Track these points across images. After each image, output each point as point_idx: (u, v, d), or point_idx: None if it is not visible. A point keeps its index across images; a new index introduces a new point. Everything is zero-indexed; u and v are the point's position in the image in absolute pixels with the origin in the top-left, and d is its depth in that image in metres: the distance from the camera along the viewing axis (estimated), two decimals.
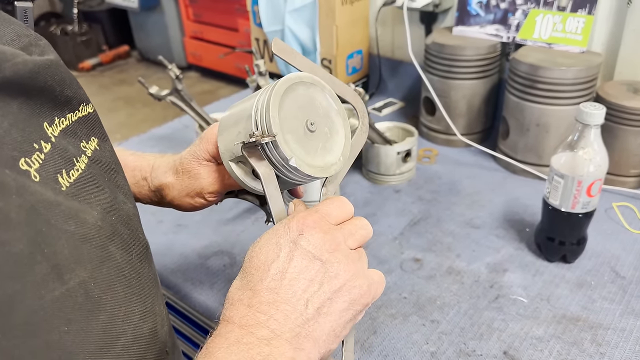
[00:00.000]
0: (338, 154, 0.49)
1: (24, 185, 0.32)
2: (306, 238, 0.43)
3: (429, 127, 1.18)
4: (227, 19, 3.50)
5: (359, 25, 1.30)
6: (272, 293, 0.41)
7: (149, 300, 0.44)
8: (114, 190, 0.43)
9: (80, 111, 0.42)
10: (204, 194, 0.58)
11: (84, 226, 0.36)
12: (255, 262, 0.43)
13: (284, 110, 0.46)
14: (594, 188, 0.74)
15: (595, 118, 0.70)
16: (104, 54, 4.40)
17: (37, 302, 0.31)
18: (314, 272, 0.42)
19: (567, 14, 0.99)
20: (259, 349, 0.38)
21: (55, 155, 0.37)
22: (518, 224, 0.90)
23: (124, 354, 0.38)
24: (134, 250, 0.44)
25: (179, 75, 1.05)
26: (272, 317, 0.40)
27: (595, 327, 0.70)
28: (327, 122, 0.49)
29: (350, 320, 0.44)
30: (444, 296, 0.77)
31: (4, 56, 0.33)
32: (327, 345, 0.43)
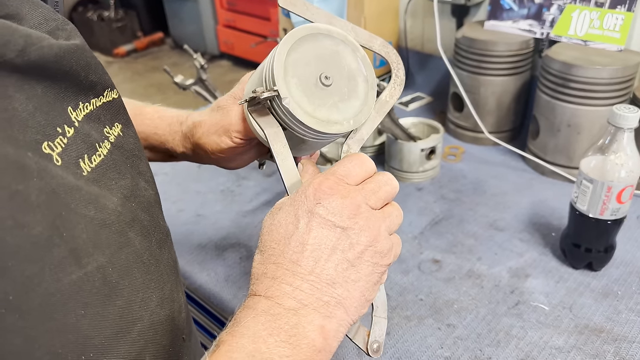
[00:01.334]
0: (348, 116, 0.46)
1: (46, 169, 0.32)
2: (324, 206, 0.41)
3: (456, 124, 1.15)
4: (260, 7, 3.50)
5: (388, 17, 1.27)
6: (295, 265, 0.40)
7: (167, 287, 0.44)
8: (135, 176, 0.43)
9: (105, 97, 0.42)
10: (230, 132, 0.56)
11: (103, 211, 0.37)
12: (275, 236, 0.42)
13: (292, 63, 0.43)
14: (624, 194, 0.71)
15: (629, 121, 0.67)
16: (139, 40, 4.46)
17: (55, 284, 0.31)
18: (334, 240, 0.41)
19: (606, 10, 0.94)
20: (286, 318, 0.38)
21: (78, 140, 0.37)
22: (544, 228, 0.87)
23: (140, 339, 0.39)
24: (154, 237, 0.44)
25: (203, 65, 1.04)
26: (298, 288, 0.40)
27: (619, 339, 0.67)
28: (349, 83, 0.46)
29: (376, 282, 0.43)
30: (462, 300, 0.75)
31: (30, 39, 0.33)
32: (358, 310, 0.42)
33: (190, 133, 0.60)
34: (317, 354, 0.38)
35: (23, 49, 0.32)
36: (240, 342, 0.36)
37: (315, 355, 0.38)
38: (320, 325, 0.39)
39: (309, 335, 0.38)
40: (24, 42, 0.33)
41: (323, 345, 0.39)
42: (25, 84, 0.33)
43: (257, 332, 0.37)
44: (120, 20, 4.38)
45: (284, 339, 0.37)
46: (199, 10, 3.96)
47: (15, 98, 0.32)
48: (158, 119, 0.63)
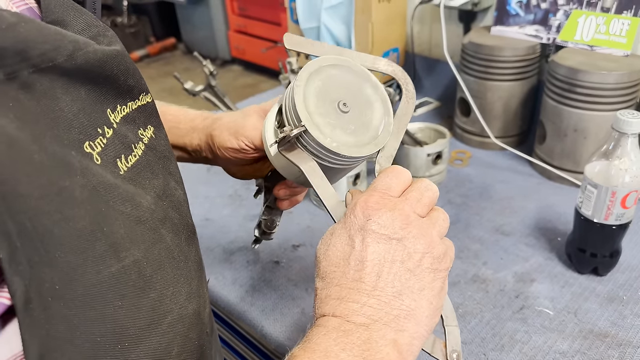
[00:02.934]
0: (380, 127, 0.48)
1: (87, 167, 0.34)
2: (375, 221, 0.42)
3: (463, 129, 1.15)
4: (270, 13, 3.52)
5: (396, 23, 1.28)
6: (358, 283, 0.41)
7: (195, 283, 0.46)
8: (166, 176, 0.45)
9: (140, 100, 0.44)
10: (240, 135, 0.60)
11: (138, 209, 0.38)
12: (333, 260, 0.43)
13: (310, 98, 0.45)
14: (629, 199, 0.71)
15: (633, 126, 0.67)
16: (151, 45, 4.51)
17: (96, 276, 0.33)
18: (392, 252, 0.42)
19: (612, 15, 0.94)
20: (358, 334, 0.39)
21: (116, 140, 0.38)
22: (550, 233, 0.88)
23: (170, 331, 0.40)
24: (183, 234, 0.45)
25: (212, 72, 1.06)
26: (366, 305, 0.40)
27: (624, 344, 0.67)
28: (365, 106, 0.48)
29: (441, 289, 0.43)
30: (467, 304, 0.75)
31: (77, 45, 0.35)
32: (430, 320, 0.42)
33: (210, 126, 0.63)
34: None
35: (71, 54, 0.34)
36: (312, 357, 0.37)
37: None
38: (393, 339, 0.39)
39: (383, 350, 0.38)
40: (73, 47, 0.34)
41: (398, 358, 0.39)
42: (71, 87, 0.35)
43: (328, 348, 0.38)
44: (133, 26, 4.43)
45: (357, 354, 0.37)
46: (210, 16, 3.99)
47: (62, 100, 0.34)
48: (182, 115, 0.66)
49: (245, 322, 0.77)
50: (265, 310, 0.76)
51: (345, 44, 1.28)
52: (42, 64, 0.32)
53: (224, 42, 4.05)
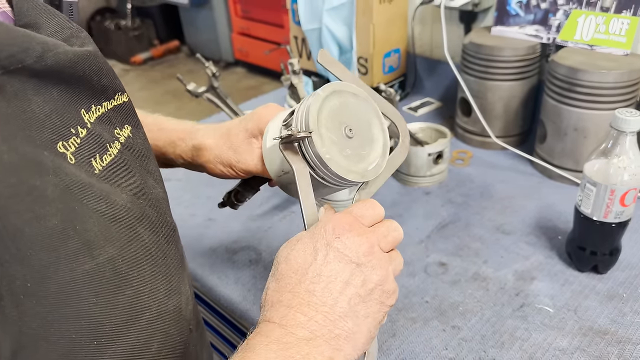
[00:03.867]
0: (372, 163, 0.51)
1: (60, 167, 0.35)
2: (342, 241, 0.44)
3: (464, 129, 1.16)
4: (273, 15, 3.53)
5: (397, 24, 1.28)
6: (310, 295, 0.42)
7: (175, 279, 0.46)
8: (144, 175, 0.46)
9: (116, 100, 0.44)
10: (235, 167, 0.60)
11: (113, 207, 0.39)
12: (293, 265, 0.44)
13: (324, 112, 0.48)
14: (628, 197, 0.71)
15: (631, 125, 0.68)
16: (155, 48, 4.52)
17: (69, 274, 0.34)
18: (349, 274, 0.43)
19: (611, 15, 0.95)
20: (298, 347, 0.39)
21: (91, 140, 0.39)
22: (550, 231, 0.88)
23: (149, 327, 0.40)
24: (162, 231, 0.46)
25: (215, 73, 1.07)
26: (313, 319, 0.41)
27: (623, 341, 0.68)
28: (366, 132, 0.51)
29: (380, 321, 0.45)
30: (467, 302, 0.76)
31: (46, 46, 0.35)
32: (364, 346, 0.44)
33: (196, 154, 0.63)
34: None
35: (41, 55, 0.35)
36: None
37: None
38: (330, 357, 0.40)
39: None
40: (42, 48, 0.35)
41: None
42: (43, 88, 0.35)
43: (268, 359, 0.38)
44: (137, 29, 4.45)
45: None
46: (214, 19, 4.01)
47: (33, 101, 0.35)
48: (158, 131, 0.66)
49: (247, 321, 0.78)
50: None
51: (347, 45, 1.28)
52: (10, 66, 0.33)
53: (227, 45, 4.07)
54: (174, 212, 0.52)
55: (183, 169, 0.69)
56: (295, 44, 1.40)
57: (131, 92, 0.50)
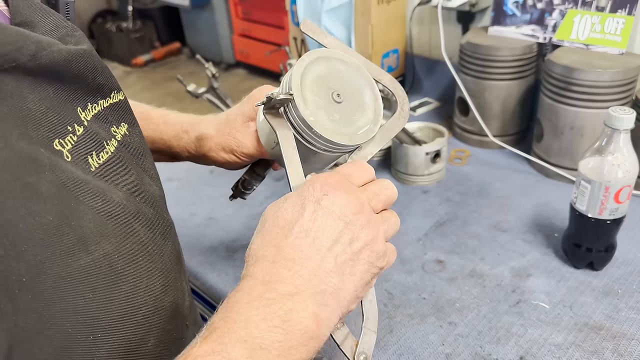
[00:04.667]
0: (362, 128, 0.50)
1: (57, 164, 0.35)
2: (330, 199, 0.43)
3: (462, 128, 1.17)
4: (274, 16, 3.54)
5: (396, 25, 1.30)
6: (296, 250, 0.42)
7: (172, 276, 0.47)
8: (140, 172, 0.46)
9: (112, 98, 0.45)
10: (237, 152, 0.61)
11: (109, 204, 0.39)
12: (280, 222, 0.43)
13: (308, 77, 0.47)
14: (622, 194, 0.72)
15: (625, 122, 0.69)
16: (156, 50, 4.53)
17: (65, 269, 0.34)
18: (337, 231, 0.43)
19: (606, 14, 0.96)
20: (281, 304, 0.39)
21: (87, 138, 0.40)
22: (547, 229, 0.89)
23: (145, 322, 0.41)
24: (158, 228, 0.46)
25: (215, 74, 1.08)
26: (297, 273, 0.41)
27: (618, 336, 0.69)
28: (357, 98, 0.50)
29: (367, 282, 0.45)
30: (464, 299, 0.77)
31: (40, 45, 0.36)
32: (349, 305, 0.43)
33: (199, 144, 0.64)
34: (309, 340, 0.39)
35: (35, 54, 0.35)
36: (233, 328, 0.37)
37: (308, 341, 0.39)
38: (315, 313, 0.39)
39: (303, 322, 0.39)
40: (36, 47, 0.36)
41: (316, 332, 0.39)
42: (38, 86, 0.36)
43: (250, 318, 0.38)
44: (138, 31, 4.45)
45: (277, 324, 0.38)
46: (214, 20, 4.01)
47: (29, 99, 0.35)
48: (163, 124, 0.66)
49: None
50: None
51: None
52: (5, 65, 0.34)
53: (228, 46, 4.07)
54: (175, 211, 0.54)
55: (184, 168, 0.70)
56: (295, 45, 1.42)
57: (133, 94, 0.51)
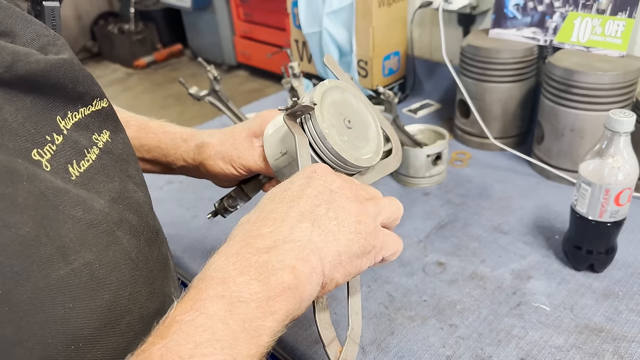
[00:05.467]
0: (366, 155, 0.53)
1: (35, 174, 0.35)
2: (319, 176, 0.45)
3: (463, 130, 1.17)
4: (275, 18, 3.55)
5: (397, 27, 1.30)
6: (278, 212, 0.43)
7: (158, 282, 0.46)
8: (124, 179, 0.46)
9: (94, 106, 0.44)
10: (236, 163, 0.62)
11: (91, 212, 0.39)
12: (269, 195, 0.45)
13: (327, 99, 0.52)
14: (622, 197, 0.72)
15: (625, 125, 0.69)
16: (158, 52, 4.55)
17: (43, 280, 0.33)
18: (321, 198, 0.44)
19: (607, 17, 0.96)
20: (257, 256, 0.39)
21: (67, 146, 0.39)
22: (547, 231, 0.89)
23: (130, 331, 0.40)
24: (143, 235, 0.46)
25: (216, 77, 1.08)
26: (277, 230, 0.41)
27: (618, 339, 0.69)
28: (363, 130, 0.55)
29: (355, 254, 0.44)
30: (465, 301, 0.77)
31: (17, 56, 0.36)
32: (333, 268, 0.43)
33: (198, 152, 0.64)
34: (287, 290, 0.39)
35: (10, 65, 0.35)
36: (210, 285, 0.38)
37: (285, 292, 0.39)
38: (292, 265, 0.40)
39: (278, 273, 0.39)
40: (12, 58, 0.35)
41: (293, 283, 0.39)
42: (14, 97, 0.36)
43: (227, 273, 0.38)
44: (140, 32, 4.47)
45: (254, 277, 0.38)
46: (216, 22, 4.03)
47: (5, 109, 0.35)
48: (162, 133, 0.67)
49: None
50: None
51: (347, 48, 1.30)
52: None
53: (229, 48, 4.09)
54: (176, 213, 0.54)
55: None
56: (296, 47, 1.42)
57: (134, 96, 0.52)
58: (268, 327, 0.37)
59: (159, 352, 0.34)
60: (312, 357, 0.71)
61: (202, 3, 3.97)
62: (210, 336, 0.35)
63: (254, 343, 0.36)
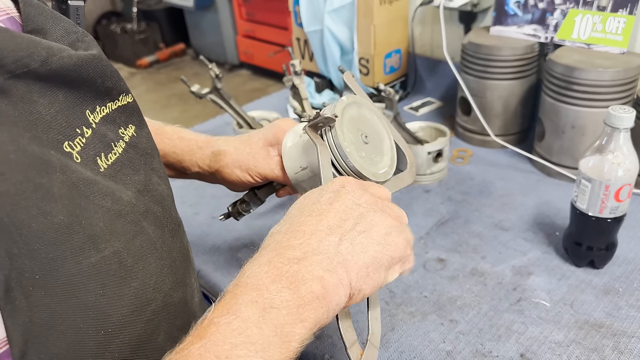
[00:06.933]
0: (382, 169, 0.56)
1: (67, 165, 0.37)
2: (348, 191, 0.47)
3: (464, 127, 1.17)
4: (278, 17, 3.56)
5: (398, 25, 1.30)
6: (308, 225, 0.44)
7: (180, 272, 0.48)
8: (148, 172, 0.47)
9: (120, 100, 0.46)
10: (252, 171, 0.64)
11: (118, 203, 0.41)
12: (299, 206, 0.47)
13: (346, 115, 0.54)
14: (622, 193, 0.72)
15: (624, 121, 0.69)
16: (161, 51, 4.56)
17: (76, 266, 0.35)
18: (349, 211, 0.46)
19: (607, 13, 0.96)
20: (288, 266, 0.41)
21: (95, 140, 0.41)
22: (548, 228, 0.89)
23: (154, 318, 0.42)
24: (167, 226, 0.48)
25: (218, 75, 1.09)
26: (306, 242, 0.43)
27: (618, 334, 0.69)
28: (378, 144, 0.57)
29: (381, 265, 0.46)
30: (465, 297, 0.77)
31: (51, 51, 0.37)
32: (360, 280, 0.44)
33: (214, 159, 0.66)
34: (315, 300, 0.41)
35: (45, 60, 0.37)
36: (244, 291, 0.39)
37: (314, 301, 0.40)
38: (320, 276, 0.41)
39: (308, 283, 0.41)
40: (46, 53, 0.37)
41: (322, 293, 0.41)
42: (48, 91, 0.37)
43: (260, 280, 0.40)
44: (142, 32, 4.48)
45: (285, 285, 0.40)
46: (219, 21, 4.04)
47: (39, 103, 0.36)
48: (177, 139, 0.69)
49: None
50: None
51: (349, 46, 1.30)
52: (17, 70, 0.35)
53: (232, 47, 4.10)
54: (179, 210, 0.54)
55: None
56: (298, 46, 1.42)
57: (137, 95, 0.53)
58: (298, 333, 0.39)
59: (198, 352, 0.36)
60: None
61: (205, 2, 3.97)
62: (245, 339, 0.37)
63: (285, 348, 0.38)
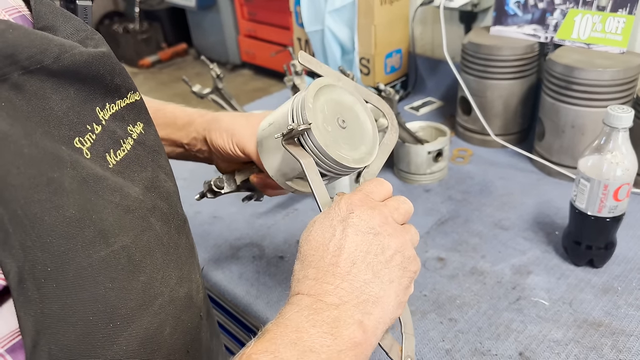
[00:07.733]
0: (366, 149, 0.54)
1: (77, 161, 0.37)
2: (357, 215, 0.46)
3: (464, 127, 1.17)
4: (280, 17, 3.56)
5: (399, 25, 1.30)
6: (334, 267, 0.45)
7: (186, 268, 0.49)
8: (155, 169, 0.48)
9: (129, 98, 0.46)
10: (235, 138, 0.63)
11: (127, 199, 0.41)
12: (313, 244, 0.46)
13: (316, 107, 0.51)
14: (621, 192, 0.73)
15: (623, 121, 0.69)
16: (163, 51, 4.57)
17: (86, 260, 0.36)
18: (368, 244, 0.46)
19: (607, 13, 0.96)
20: (328, 312, 0.42)
21: (105, 136, 0.41)
22: (547, 227, 0.90)
23: (161, 312, 0.43)
24: (173, 223, 0.48)
25: (219, 75, 1.09)
26: (339, 287, 0.43)
27: (617, 333, 0.69)
28: (355, 120, 0.54)
29: (407, 287, 0.47)
30: (465, 296, 0.77)
31: (63, 48, 0.38)
32: (394, 310, 0.46)
33: (208, 126, 0.66)
34: (357, 346, 0.41)
35: (58, 56, 0.37)
36: (285, 332, 0.40)
37: (355, 347, 0.41)
38: (359, 320, 0.42)
39: (350, 328, 0.41)
40: (59, 50, 0.37)
41: (363, 338, 0.42)
42: (60, 87, 0.38)
43: (300, 324, 0.41)
44: (144, 32, 4.49)
45: (326, 330, 0.41)
46: (220, 21, 4.04)
47: (52, 99, 0.37)
48: (180, 111, 0.70)
49: (250, 315, 0.80)
50: (270, 303, 0.79)
51: (349, 46, 1.30)
52: (30, 66, 0.35)
53: (234, 47, 4.10)
54: None
55: (188, 168, 0.71)
56: (299, 46, 1.43)
57: None
58: None
59: None
60: None
61: (207, 2, 3.98)
62: None
63: None
